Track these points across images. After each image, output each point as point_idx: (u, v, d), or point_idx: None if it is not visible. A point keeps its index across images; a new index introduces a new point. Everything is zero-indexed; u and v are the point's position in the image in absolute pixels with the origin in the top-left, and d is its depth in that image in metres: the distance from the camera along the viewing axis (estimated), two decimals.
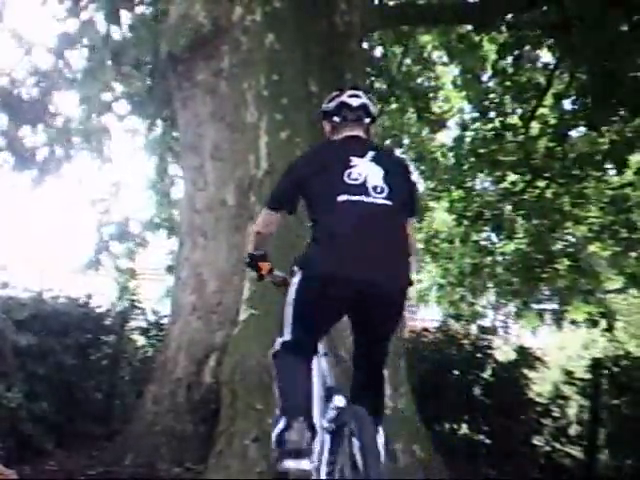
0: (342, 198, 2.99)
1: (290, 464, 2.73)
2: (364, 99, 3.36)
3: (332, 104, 3.39)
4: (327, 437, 2.89)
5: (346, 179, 3.04)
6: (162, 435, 4.80)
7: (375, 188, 3.04)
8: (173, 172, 9.89)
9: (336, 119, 3.34)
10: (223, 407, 4.31)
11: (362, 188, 3.02)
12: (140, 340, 7.15)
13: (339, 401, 2.94)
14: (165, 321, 6.41)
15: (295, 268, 3.09)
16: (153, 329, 7.05)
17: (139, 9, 8.03)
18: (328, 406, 2.98)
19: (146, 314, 7.22)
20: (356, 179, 3.03)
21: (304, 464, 2.73)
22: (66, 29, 7.61)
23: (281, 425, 2.81)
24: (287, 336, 3.06)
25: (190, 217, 5.32)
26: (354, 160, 3.11)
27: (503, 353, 7.19)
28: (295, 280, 3.06)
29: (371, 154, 3.16)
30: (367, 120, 3.35)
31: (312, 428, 2.83)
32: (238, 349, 4.36)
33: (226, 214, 5.04)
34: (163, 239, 10.26)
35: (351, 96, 3.35)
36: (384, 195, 3.04)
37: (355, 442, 2.65)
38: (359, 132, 3.30)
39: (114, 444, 5.21)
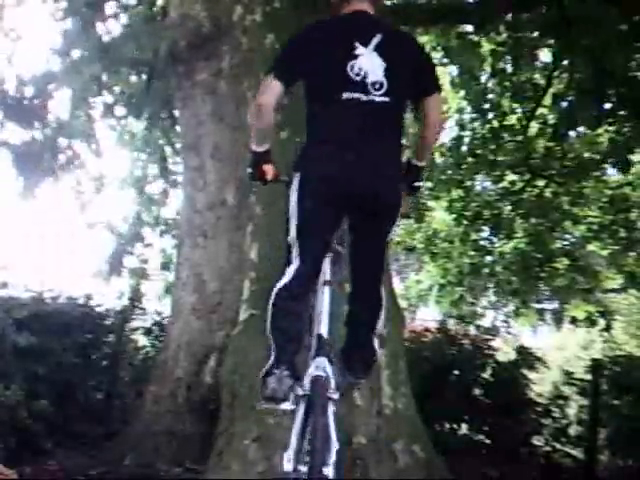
0: (346, 96, 2.93)
1: (269, 406, 2.86)
2: None
3: None
4: (301, 403, 2.74)
5: (349, 73, 2.95)
6: (162, 435, 4.80)
7: (374, 84, 2.96)
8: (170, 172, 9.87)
9: None
10: (223, 407, 4.31)
11: (362, 85, 2.94)
12: (140, 340, 7.16)
13: (316, 368, 2.76)
14: (166, 321, 6.41)
15: (294, 171, 3.00)
16: (155, 329, 7.06)
17: (137, 8, 8.00)
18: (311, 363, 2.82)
19: (147, 314, 7.22)
20: (358, 74, 2.95)
21: (284, 406, 2.80)
22: (65, 29, 7.60)
23: (267, 367, 2.90)
24: (291, 272, 2.97)
25: (190, 217, 5.32)
26: (359, 48, 2.98)
27: (503, 353, 7.20)
28: (294, 185, 2.98)
29: (377, 39, 3.01)
30: None
31: (296, 376, 2.86)
32: (238, 349, 4.36)
33: (226, 214, 5.04)
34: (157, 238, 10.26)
35: None
36: (382, 91, 2.96)
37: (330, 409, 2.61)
38: (367, 7, 3.11)
39: (114, 444, 5.21)
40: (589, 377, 6.48)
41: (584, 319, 10.66)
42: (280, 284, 3.00)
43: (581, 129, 8.77)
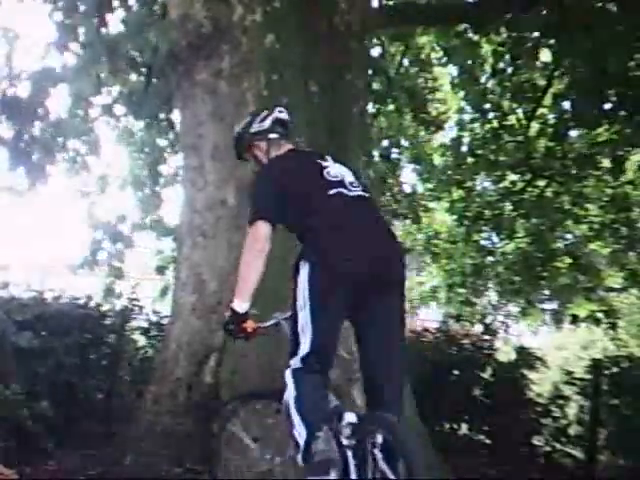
0: (333, 192, 3.14)
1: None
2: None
3: (267, 122, 3.50)
4: (349, 453, 2.78)
5: (327, 177, 3.20)
6: (162, 435, 4.80)
7: (352, 183, 3.23)
8: (166, 172, 9.84)
9: (273, 135, 3.48)
10: (223, 407, 4.31)
11: (342, 183, 3.20)
12: (140, 340, 7.15)
13: (351, 417, 2.89)
14: (165, 321, 6.41)
15: (301, 262, 3.03)
16: (153, 329, 7.05)
17: (135, 6, 7.98)
18: (339, 425, 2.88)
19: (147, 314, 7.21)
20: (336, 176, 3.22)
21: (333, 475, 2.68)
22: (62, 27, 7.59)
23: (305, 438, 2.80)
24: (306, 347, 2.96)
25: (190, 217, 5.31)
26: (323, 162, 3.29)
27: (503, 353, 7.20)
28: (304, 274, 3.00)
29: (329, 158, 3.36)
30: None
31: (336, 437, 2.81)
32: (238, 349, 4.36)
33: (226, 214, 5.03)
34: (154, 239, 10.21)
35: (281, 112, 3.54)
36: (360, 189, 3.24)
37: (378, 454, 2.65)
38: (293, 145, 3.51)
39: (114, 444, 5.21)
40: (589, 377, 6.48)
41: (587, 318, 10.67)
42: (296, 364, 3.00)
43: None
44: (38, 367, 5.28)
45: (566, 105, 8.47)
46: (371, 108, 9.06)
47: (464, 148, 9.98)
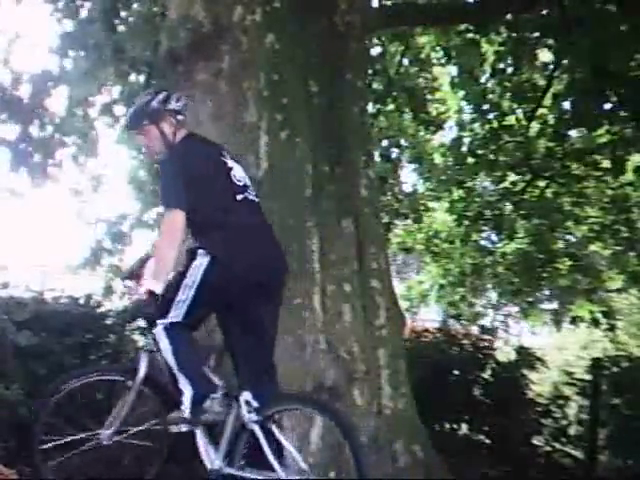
0: (240, 197, 3.42)
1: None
2: None
3: (180, 103, 3.66)
4: (256, 428, 3.24)
5: (234, 180, 3.46)
6: (162, 435, 4.79)
7: (248, 187, 3.54)
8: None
9: (181, 117, 3.64)
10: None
11: (244, 187, 3.49)
12: (140, 340, 7.13)
13: (247, 395, 3.34)
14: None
15: (202, 252, 3.27)
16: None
17: (136, 6, 7.99)
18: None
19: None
20: (240, 180, 3.48)
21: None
22: (65, 28, 7.61)
23: (191, 391, 3.26)
24: (177, 317, 3.26)
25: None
26: (228, 161, 3.53)
27: (503, 353, 7.19)
28: (201, 264, 3.25)
29: (227, 154, 3.62)
30: None
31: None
32: None
33: None
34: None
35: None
36: (254, 193, 3.56)
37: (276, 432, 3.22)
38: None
39: (114, 444, 5.19)
40: (589, 377, 6.48)
41: (588, 319, 10.67)
42: (166, 323, 3.28)
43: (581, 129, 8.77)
44: (38, 367, 5.26)
45: (566, 105, 8.47)
46: (371, 108, 9.06)
47: (464, 148, 9.97)
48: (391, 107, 9.95)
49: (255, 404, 3.29)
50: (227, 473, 3.29)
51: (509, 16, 7.80)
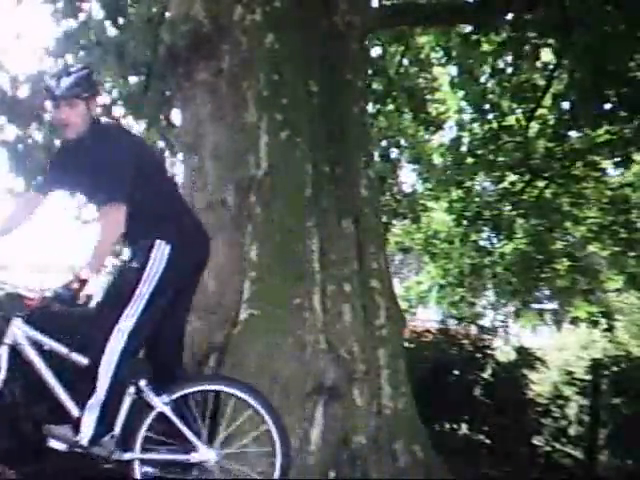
0: (169, 176, 3.65)
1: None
2: None
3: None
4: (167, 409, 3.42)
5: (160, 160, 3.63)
6: (162, 435, 4.79)
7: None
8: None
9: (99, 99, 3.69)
10: (222, 407, 4.30)
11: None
12: None
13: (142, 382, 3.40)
14: None
15: (160, 241, 3.26)
16: None
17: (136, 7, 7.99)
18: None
19: None
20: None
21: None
22: (64, 29, 7.60)
23: (107, 392, 3.44)
24: (131, 319, 3.25)
25: None
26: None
27: (503, 353, 7.20)
28: (162, 252, 3.27)
29: None
30: None
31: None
32: (238, 349, 4.36)
33: (226, 214, 5.03)
34: None
35: None
36: None
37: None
38: None
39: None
40: (589, 377, 6.49)
41: (586, 319, 10.67)
42: (129, 327, 3.28)
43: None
44: None
45: (566, 105, 8.47)
46: (371, 108, 9.06)
47: (464, 148, 9.97)
48: (391, 107, 9.94)
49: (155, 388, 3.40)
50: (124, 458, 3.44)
51: (509, 16, 7.79)
